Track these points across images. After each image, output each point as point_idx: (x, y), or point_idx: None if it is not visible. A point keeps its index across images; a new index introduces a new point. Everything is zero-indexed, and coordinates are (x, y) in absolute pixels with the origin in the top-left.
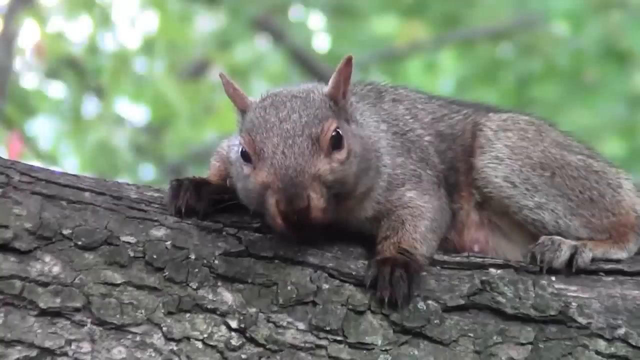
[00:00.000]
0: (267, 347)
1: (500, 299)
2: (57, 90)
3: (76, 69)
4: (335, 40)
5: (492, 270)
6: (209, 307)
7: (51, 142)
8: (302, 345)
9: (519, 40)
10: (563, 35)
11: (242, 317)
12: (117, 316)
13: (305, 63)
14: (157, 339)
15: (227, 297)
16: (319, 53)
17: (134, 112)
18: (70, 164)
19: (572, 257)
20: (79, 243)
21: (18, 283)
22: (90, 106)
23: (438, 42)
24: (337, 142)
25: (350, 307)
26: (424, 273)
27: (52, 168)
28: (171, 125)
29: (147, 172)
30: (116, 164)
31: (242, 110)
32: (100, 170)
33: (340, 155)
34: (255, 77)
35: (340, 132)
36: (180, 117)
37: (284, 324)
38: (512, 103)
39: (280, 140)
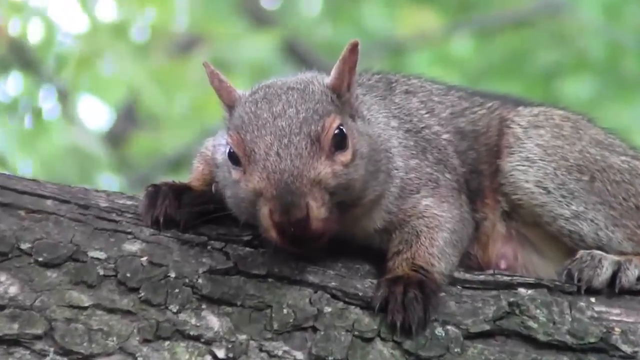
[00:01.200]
0: None
1: (531, 323)
2: (10, 85)
3: (32, 59)
4: (334, 29)
5: (522, 290)
6: (191, 333)
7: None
8: None
9: (544, 28)
10: (596, 24)
11: (230, 346)
12: (85, 344)
13: (299, 53)
14: None
15: (213, 321)
16: (314, 42)
17: (100, 114)
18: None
19: (614, 275)
20: (40, 259)
21: None
22: (50, 104)
23: (451, 31)
24: (340, 141)
25: (356, 333)
26: (443, 294)
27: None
28: (145, 126)
29: (112, 183)
30: (88, 170)
31: (230, 105)
32: (64, 177)
33: (344, 156)
34: (240, 68)
35: (344, 129)
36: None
37: (279, 353)
38: (537, 98)
39: (274, 139)
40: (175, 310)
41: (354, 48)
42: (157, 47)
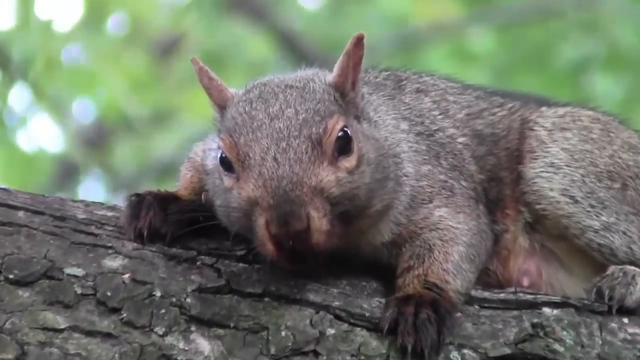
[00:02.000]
0: None
1: (557, 347)
2: None
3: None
4: (338, 20)
5: (547, 310)
6: (179, 358)
7: None
8: None
9: (572, 18)
10: (628, 13)
11: None
12: None
13: (295, 48)
14: None
15: (203, 345)
16: (313, 36)
17: (75, 112)
18: None
19: None
20: (11, 277)
21: None
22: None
23: (471, 22)
24: (344, 145)
25: (362, 358)
26: (458, 314)
27: None
28: (124, 127)
29: (92, 190)
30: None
31: (221, 105)
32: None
33: (349, 162)
34: (233, 65)
35: (348, 132)
36: (133, 116)
37: None
38: (565, 96)
39: (270, 142)
40: (161, 333)
41: (359, 42)
42: (135, 46)
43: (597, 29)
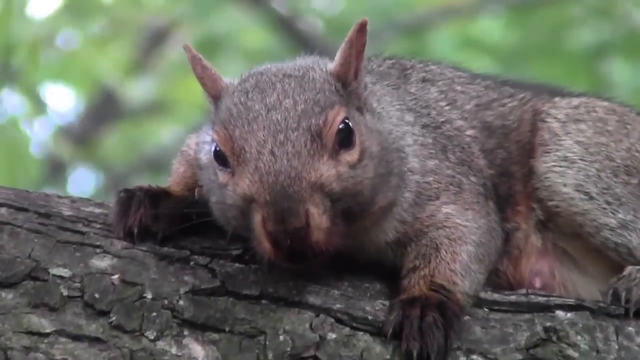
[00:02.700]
0: None
1: (571, 352)
2: None
3: None
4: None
5: (560, 313)
6: None
7: None
8: None
9: (589, 1)
10: None
11: None
12: None
13: (296, 34)
14: None
15: (197, 350)
16: (314, 21)
17: (62, 101)
18: None
19: None
20: None
21: None
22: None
23: (481, 6)
24: (345, 137)
25: None
26: (467, 317)
27: None
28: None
29: (83, 183)
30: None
31: (215, 95)
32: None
33: (351, 156)
34: (229, 53)
35: (350, 124)
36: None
37: None
38: (580, 84)
39: (267, 135)
40: (152, 338)
41: (362, 28)
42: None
43: (614, 13)
